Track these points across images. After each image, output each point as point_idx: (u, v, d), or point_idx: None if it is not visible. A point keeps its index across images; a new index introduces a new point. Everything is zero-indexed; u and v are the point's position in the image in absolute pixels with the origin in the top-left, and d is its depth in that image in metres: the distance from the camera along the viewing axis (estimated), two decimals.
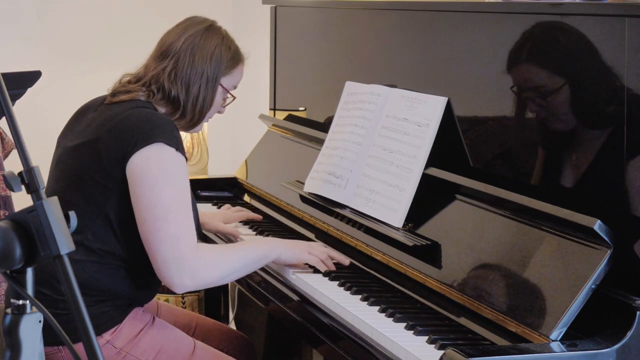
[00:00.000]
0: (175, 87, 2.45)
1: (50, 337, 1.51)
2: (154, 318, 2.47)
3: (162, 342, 2.42)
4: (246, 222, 2.98)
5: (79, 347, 1.40)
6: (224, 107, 2.58)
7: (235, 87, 2.57)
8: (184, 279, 2.30)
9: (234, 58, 2.53)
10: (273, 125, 3.44)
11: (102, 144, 2.34)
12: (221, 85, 2.51)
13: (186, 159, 2.38)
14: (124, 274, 2.37)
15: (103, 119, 2.40)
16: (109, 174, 2.32)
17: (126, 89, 2.47)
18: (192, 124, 2.51)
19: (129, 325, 2.40)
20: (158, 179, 2.29)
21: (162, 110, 2.47)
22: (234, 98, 2.58)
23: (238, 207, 3.02)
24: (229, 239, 2.91)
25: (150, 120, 2.35)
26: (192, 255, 2.30)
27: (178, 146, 2.33)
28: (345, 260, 2.53)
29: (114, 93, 2.47)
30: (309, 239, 2.68)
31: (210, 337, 2.72)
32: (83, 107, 2.56)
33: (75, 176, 2.38)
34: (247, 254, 2.43)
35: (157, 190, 2.29)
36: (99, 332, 2.33)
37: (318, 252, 2.51)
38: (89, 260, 2.33)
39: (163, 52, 2.50)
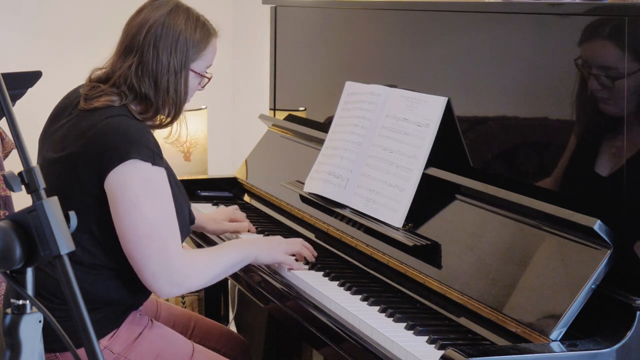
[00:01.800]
0: (143, 83, 2.36)
1: (46, 344, 1.50)
2: (152, 321, 2.47)
3: (161, 346, 2.41)
4: None
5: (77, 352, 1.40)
6: (203, 87, 2.49)
7: (209, 66, 2.47)
8: (172, 288, 2.31)
9: (202, 39, 2.41)
10: (273, 125, 3.44)
11: (78, 160, 2.29)
12: (192, 71, 2.41)
13: (165, 167, 2.33)
14: (117, 282, 2.35)
15: (78, 132, 2.33)
16: (87, 191, 2.29)
17: (98, 92, 2.38)
18: (172, 117, 2.43)
19: (127, 329, 2.39)
20: (139, 198, 2.25)
21: (136, 109, 2.39)
22: (209, 79, 2.48)
23: (236, 208, 3.01)
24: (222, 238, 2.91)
25: (124, 134, 2.27)
26: (180, 264, 2.29)
27: (154, 159, 2.27)
28: (314, 252, 2.58)
29: (87, 97, 2.38)
30: (309, 239, 2.68)
31: (208, 338, 2.72)
32: (59, 106, 2.49)
33: (56, 192, 2.32)
34: (228, 258, 2.43)
35: (138, 208, 2.25)
36: (96, 338, 2.32)
37: (293, 247, 2.54)
38: (81, 272, 2.29)
39: (127, 47, 2.40)
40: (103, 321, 2.34)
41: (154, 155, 2.28)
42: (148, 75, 2.37)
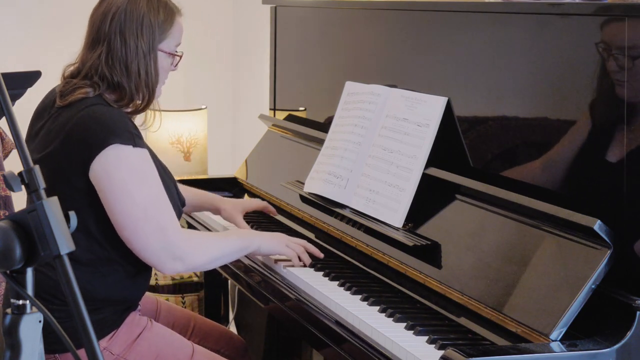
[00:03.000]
0: (115, 71, 2.38)
1: (46, 345, 1.50)
2: (151, 322, 2.47)
3: (160, 347, 2.41)
4: (248, 221, 2.98)
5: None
6: (175, 66, 2.50)
7: (178, 45, 2.49)
8: (176, 264, 2.34)
9: (166, 20, 2.44)
10: (273, 125, 3.44)
11: (61, 155, 2.31)
12: (161, 51, 2.43)
13: (147, 147, 2.35)
14: (115, 278, 2.37)
15: (57, 129, 2.35)
16: (74, 185, 2.30)
17: (72, 86, 2.39)
18: (147, 101, 2.44)
19: (126, 330, 2.39)
20: (126, 183, 2.27)
21: (111, 97, 2.40)
22: (181, 57, 2.50)
23: (257, 199, 3.03)
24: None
25: (101, 122, 2.29)
26: (180, 240, 2.33)
27: (135, 141, 2.29)
28: (320, 254, 2.59)
29: (62, 94, 2.40)
30: (309, 239, 2.68)
31: (208, 338, 2.72)
32: (38, 108, 2.50)
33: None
34: (231, 243, 2.48)
35: (128, 193, 2.27)
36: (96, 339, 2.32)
37: (295, 245, 2.56)
38: (79, 272, 2.28)
39: (94, 39, 2.43)
40: (102, 322, 2.35)
41: (134, 137, 2.30)
42: (118, 62, 2.39)
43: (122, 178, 2.27)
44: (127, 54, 2.38)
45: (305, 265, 2.56)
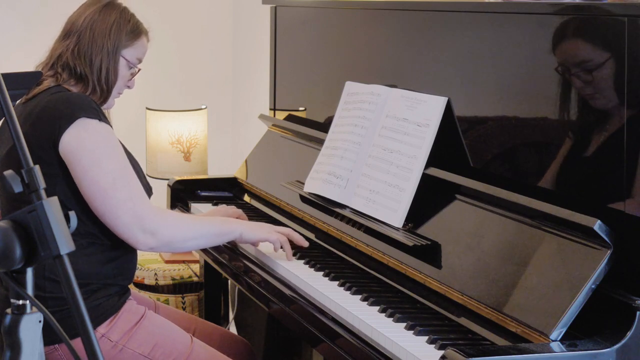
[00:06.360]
0: (79, 62, 2.54)
1: (46, 336, 1.51)
2: (150, 311, 2.49)
3: (159, 336, 2.44)
4: None
5: (75, 343, 1.41)
6: (132, 80, 2.64)
7: (140, 61, 2.63)
8: (147, 237, 2.40)
9: (134, 31, 2.60)
10: (273, 125, 3.44)
11: (30, 138, 2.39)
12: (123, 57, 2.58)
13: (111, 126, 2.47)
14: (94, 250, 2.42)
15: (24, 118, 2.46)
16: (45, 161, 2.38)
17: (38, 81, 2.53)
18: (103, 98, 2.57)
19: (124, 318, 2.43)
20: (94, 152, 2.38)
21: (74, 90, 2.53)
22: (139, 70, 2.64)
23: (233, 206, 3.03)
24: None
25: (67, 101, 2.43)
26: (150, 213, 2.40)
27: (100, 117, 2.42)
28: (305, 243, 2.63)
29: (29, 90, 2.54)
30: (309, 239, 2.69)
31: (210, 341, 2.72)
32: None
33: None
34: (210, 224, 2.55)
35: (95, 162, 2.37)
36: (94, 326, 2.34)
37: (279, 235, 2.60)
38: None
39: (66, 33, 2.59)
40: (99, 308, 2.39)
41: (99, 113, 2.43)
42: (84, 54, 2.54)
43: (90, 148, 2.38)
44: (93, 49, 2.54)
45: (296, 254, 2.60)
